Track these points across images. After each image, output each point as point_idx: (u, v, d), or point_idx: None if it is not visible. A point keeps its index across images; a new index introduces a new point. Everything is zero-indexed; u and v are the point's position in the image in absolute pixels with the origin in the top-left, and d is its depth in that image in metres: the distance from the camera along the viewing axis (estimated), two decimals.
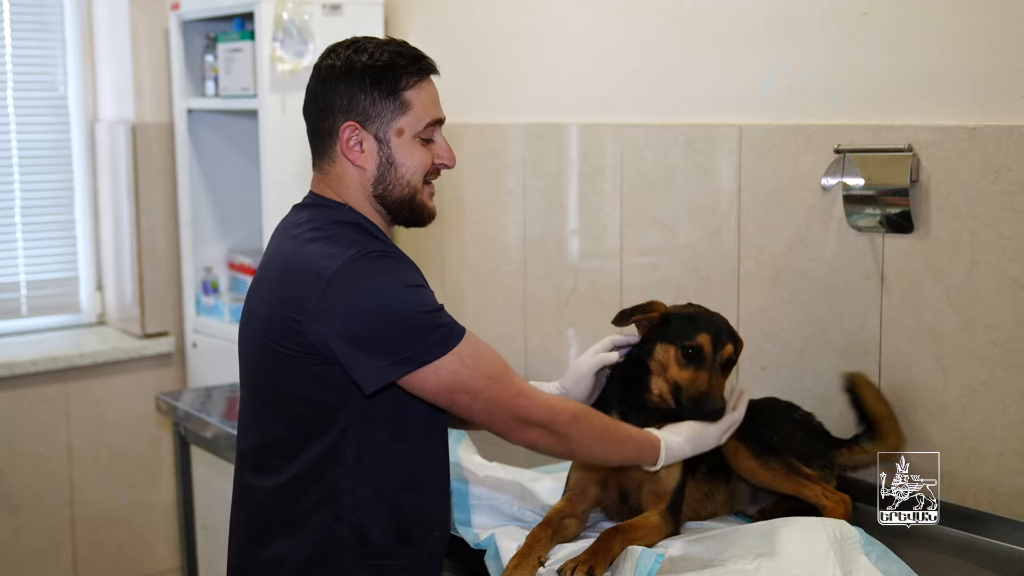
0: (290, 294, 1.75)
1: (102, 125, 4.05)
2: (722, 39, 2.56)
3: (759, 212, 2.46)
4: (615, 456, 1.90)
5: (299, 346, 1.75)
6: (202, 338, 3.85)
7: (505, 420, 1.78)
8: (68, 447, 3.86)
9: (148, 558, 4.04)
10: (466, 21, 3.32)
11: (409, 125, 1.82)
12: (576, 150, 2.93)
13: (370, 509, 1.80)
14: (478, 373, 1.74)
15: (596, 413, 1.89)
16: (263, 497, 1.86)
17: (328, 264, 1.72)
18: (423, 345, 1.70)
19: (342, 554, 1.80)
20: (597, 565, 1.81)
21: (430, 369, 1.71)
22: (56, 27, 4.02)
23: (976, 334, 2.09)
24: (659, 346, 2.03)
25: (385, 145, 1.82)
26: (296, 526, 1.82)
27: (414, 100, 1.81)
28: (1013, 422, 2.05)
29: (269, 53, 3.31)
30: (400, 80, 1.80)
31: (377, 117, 1.81)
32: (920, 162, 2.14)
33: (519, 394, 1.78)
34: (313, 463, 1.80)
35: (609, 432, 1.88)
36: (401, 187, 1.84)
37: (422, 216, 1.89)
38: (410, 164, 1.83)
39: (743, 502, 2.17)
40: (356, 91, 1.80)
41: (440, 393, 1.74)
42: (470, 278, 3.33)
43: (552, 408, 1.80)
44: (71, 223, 4.11)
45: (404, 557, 1.84)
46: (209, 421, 2.95)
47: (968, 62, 2.10)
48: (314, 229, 1.81)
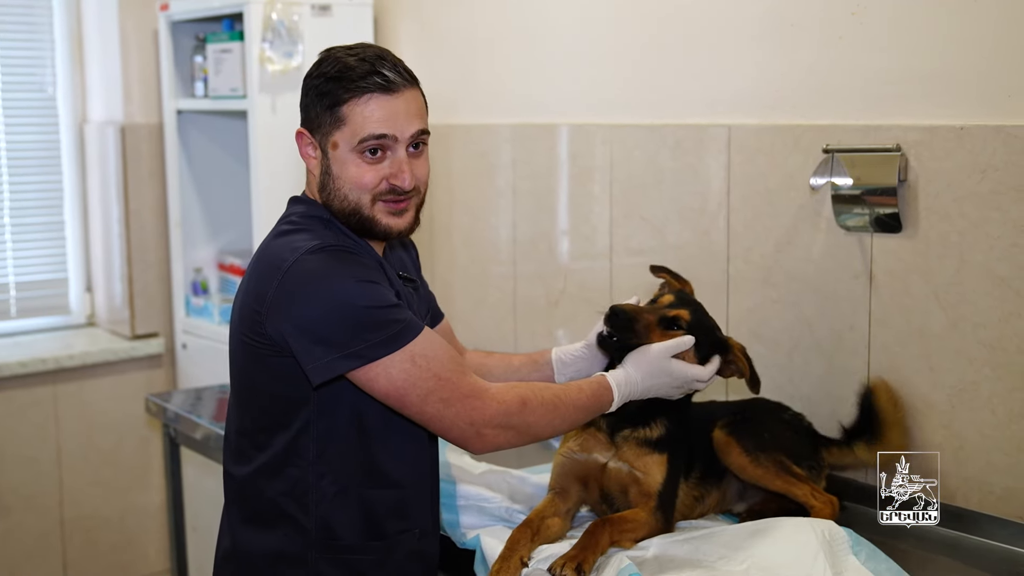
0: (256, 287, 1.79)
1: (91, 126, 4.04)
2: (711, 40, 2.56)
3: (748, 212, 2.47)
4: (575, 416, 1.88)
5: (262, 338, 1.78)
6: (192, 339, 3.84)
7: (460, 428, 1.77)
8: (58, 449, 3.85)
9: (138, 559, 4.03)
10: (456, 21, 3.31)
11: (343, 139, 1.82)
12: (566, 151, 2.93)
13: (335, 504, 1.82)
14: (429, 373, 1.74)
15: (541, 387, 1.87)
16: (238, 485, 1.90)
17: (287, 257, 1.75)
18: (374, 340, 1.71)
19: (309, 547, 1.83)
20: (585, 560, 1.81)
21: (380, 366, 1.72)
22: (45, 28, 4.01)
23: (964, 334, 2.10)
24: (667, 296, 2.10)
25: (325, 156, 1.85)
26: (266, 517, 1.85)
27: (349, 115, 1.80)
28: (1001, 421, 2.06)
29: (258, 54, 3.31)
30: (342, 94, 1.80)
31: (319, 127, 1.84)
32: (908, 162, 2.15)
33: (470, 395, 1.77)
34: (276, 455, 1.83)
35: (559, 399, 1.86)
36: (340, 199, 1.84)
37: (375, 231, 1.87)
38: (346, 178, 1.83)
39: (731, 501, 2.17)
40: (310, 99, 1.85)
41: (391, 392, 1.74)
42: (460, 279, 3.33)
43: (502, 402, 1.79)
44: (60, 224, 4.10)
45: (373, 553, 1.85)
46: (199, 422, 2.95)
47: (956, 62, 2.10)
48: (288, 223, 1.86)
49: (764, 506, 2.11)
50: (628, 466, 2.01)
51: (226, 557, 1.93)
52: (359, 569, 1.84)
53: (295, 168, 3.34)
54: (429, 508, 1.94)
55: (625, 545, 1.91)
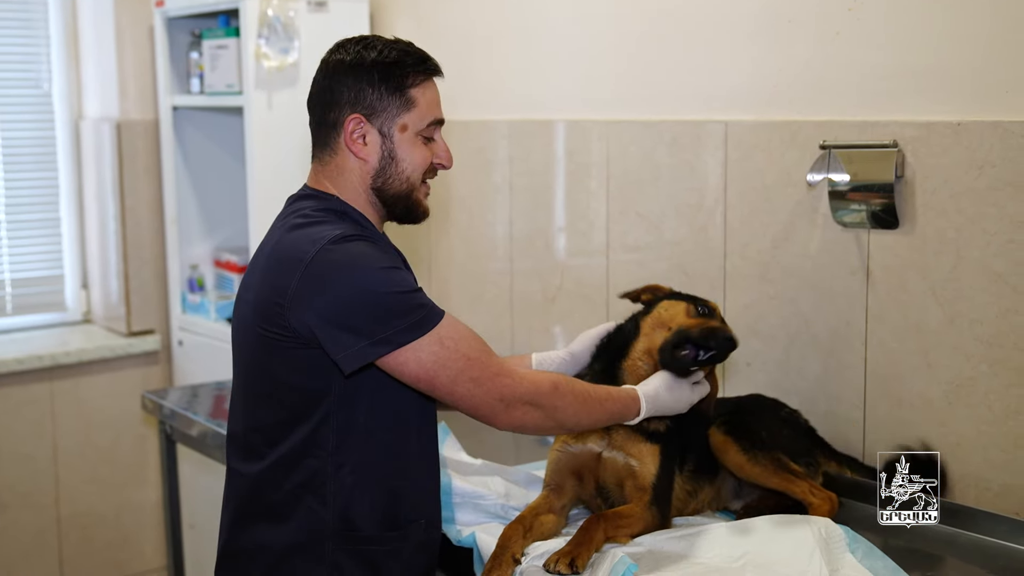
0: (274, 280, 1.79)
1: (87, 122, 4.03)
2: (708, 35, 2.56)
3: (745, 208, 2.46)
4: (600, 415, 1.92)
5: (284, 331, 1.78)
6: (188, 336, 3.84)
7: (489, 404, 1.79)
8: (54, 446, 3.84)
9: (135, 557, 4.02)
10: (453, 18, 3.31)
11: (412, 122, 1.87)
12: (563, 147, 2.93)
13: (354, 494, 1.83)
14: (458, 354, 1.76)
15: (573, 379, 1.91)
16: (248, 482, 1.89)
17: (308, 249, 1.76)
18: (401, 325, 1.72)
19: (326, 539, 1.82)
20: (579, 556, 1.80)
21: (409, 350, 1.73)
22: (40, 24, 4.00)
23: (961, 329, 2.09)
24: (665, 302, 2.06)
25: (388, 140, 1.87)
26: (281, 511, 1.84)
27: (419, 98, 1.87)
28: (998, 417, 2.06)
29: (254, 50, 3.30)
30: (407, 78, 1.86)
31: (383, 112, 1.86)
32: (905, 158, 2.15)
33: (499, 373, 1.79)
34: (295, 448, 1.82)
35: (590, 395, 1.90)
36: (400, 182, 1.89)
37: (416, 213, 1.94)
38: (410, 160, 1.88)
39: (727, 498, 2.17)
40: (364, 85, 1.85)
41: (421, 376, 1.75)
42: (457, 275, 3.32)
43: (533, 382, 1.82)
44: (56, 221, 4.10)
45: (389, 543, 1.85)
46: (195, 419, 2.94)
47: (953, 58, 2.10)
48: (301, 216, 1.86)
49: (761, 503, 2.11)
50: (623, 454, 2.01)
51: (229, 554, 1.92)
52: (374, 559, 1.84)
53: (292, 164, 3.33)
54: (436, 499, 1.96)
55: (621, 540, 1.90)
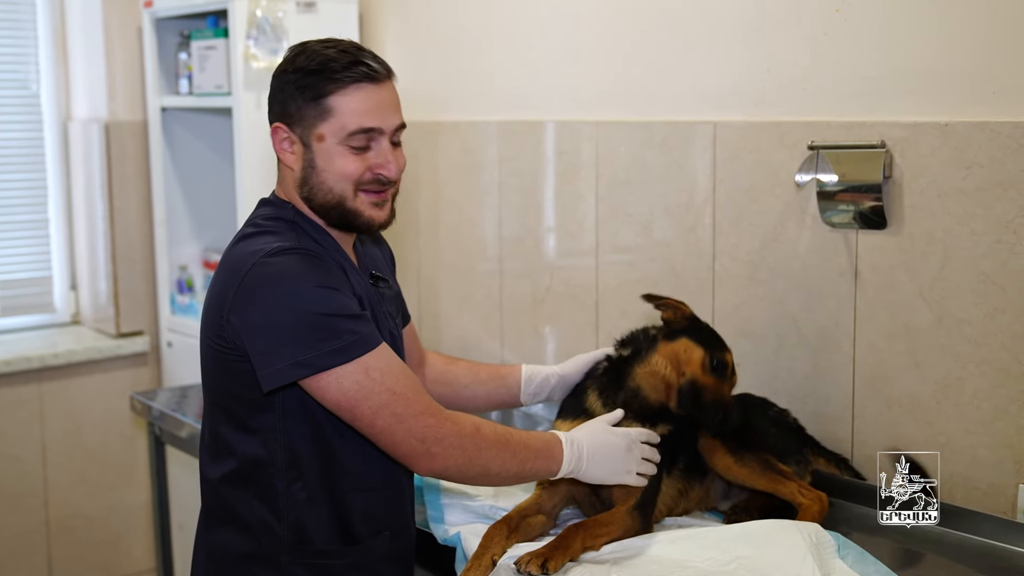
0: (219, 291, 1.78)
1: (75, 123, 4.02)
2: (697, 36, 2.56)
3: (733, 209, 2.47)
4: (525, 455, 1.81)
5: (225, 342, 1.76)
6: (177, 337, 3.83)
7: (410, 443, 1.72)
8: (42, 447, 3.83)
9: (124, 559, 4.01)
10: (442, 18, 3.30)
11: (331, 131, 1.80)
12: (552, 147, 2.93)
13: (307, 509, 1.80)
14: (383, 386, 1.70)
15: (492, 423, 1.83)
16: (211, 488, 1.88)
17: (247, 260, 1.73)
18: (326, 348, 1.68)
19: (282, 552, 1.81)
20: (552, 559, 1.76)
21: (332, 375, 1.68)
22: (28, 24, 3.98)
23: (949, 330, 2.10)
24: (684, 341, 2.03)
25: (308, 149, 1.82)
26: (240, 519, 1.83)
27: (339, 107, 1.79)
28: (986, 417, 2.06)
29: (243, 51, 3.29)
30: (325, 86, 1.79)
31: (301, 120, 1.81)
32: (893, 158, 2.15)
33: (424, 412, 1.73)
34: (247, 461, 1.81)
35: (511, 435, 1.81)
36: (323, 192, 1.82)
37: (356, 223, 1.85)
38: (332, 171, 1.81)
39: (716, 499, 2.17)
40: (286, 94, 1.82)
41: (342, 403, 1.70)
42: (446, 276, 3.32)
43: (456, 423, 1.76)
44: (44, 222, 4.08)
45: (347, 556, 1.83)
46: (184, 421, 2.93)
47: (941, 59, 2.10)
48: (253, 225, 1.84)
49: (750, 503, 2.11)
50: None
51: (203, 556, 1.92)
52: (332, 572, 1.82)
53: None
54: (402, 510, 1.92)
55: (597, 548, 1.86)
